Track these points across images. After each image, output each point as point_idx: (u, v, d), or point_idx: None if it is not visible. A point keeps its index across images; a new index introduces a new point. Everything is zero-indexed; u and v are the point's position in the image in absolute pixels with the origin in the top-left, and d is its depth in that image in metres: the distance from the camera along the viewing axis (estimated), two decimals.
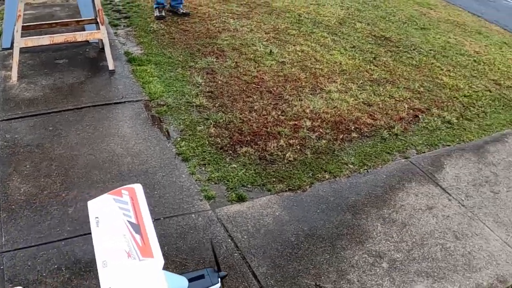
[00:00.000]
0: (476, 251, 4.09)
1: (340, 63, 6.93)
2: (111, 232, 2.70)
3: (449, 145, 5.40)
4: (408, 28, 9.59)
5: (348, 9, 9.93)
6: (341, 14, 9.45)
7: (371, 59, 7.43)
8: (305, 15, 8.89)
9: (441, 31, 9.99)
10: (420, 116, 5.83)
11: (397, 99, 6.17)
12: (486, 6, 15.27)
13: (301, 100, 5.65)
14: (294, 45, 7.26)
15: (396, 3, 11.45)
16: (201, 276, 2.75)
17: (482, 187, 4.81)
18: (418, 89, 6.62)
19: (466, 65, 8.22)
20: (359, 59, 7.27)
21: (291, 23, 8.30)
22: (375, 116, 5.64)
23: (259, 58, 6.51)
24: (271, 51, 6.71)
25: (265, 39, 7.28)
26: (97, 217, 2.79)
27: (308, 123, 5.18)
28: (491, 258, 4.06)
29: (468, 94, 6.96)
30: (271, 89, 5.78)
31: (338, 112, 5.53)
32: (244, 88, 5.66)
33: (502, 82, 7.95)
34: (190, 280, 2.67)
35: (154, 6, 7.40)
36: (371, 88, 6.34)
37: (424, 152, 5.18)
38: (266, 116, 5.17)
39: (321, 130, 5.14)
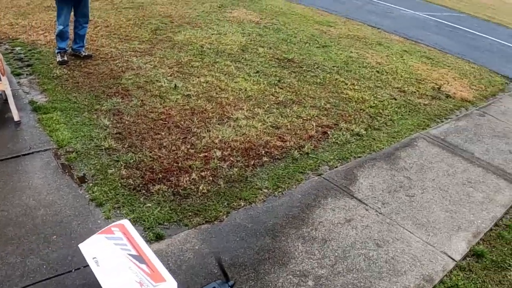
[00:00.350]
0: (399, 256, 4.66)
1: (245, 90, 7.49)
2: (115, 268, 3.02)
3: (360, 157, 6.03)
4: (310, 48, 10.57)
5: (249, 35, 10.69)
6: (243, 41, 10.15)
7: (276, 82, 8.11)
8: (208, 45, 9.43)
9: (342, 47, 11.12)
10: (329, 132, 6.49)
11: (305, 118, 6.82)
12: (385, 18, 17.11)
13: (210, 131, 6.06)
14: (198, 77, 7.73)
15: (297, 25, 12.55)
16: None
17: (397, 192, 5.49)
18: (325, 106, 7.36)
19: (369, 77, 9.25)
20: (263, 84, 7.91)
21: (194, 55, 8.79)
22: (285, 137, 6.18)
23: (165, 94, 6.88)
24: (175, 85, 7.13)
25: (169, 74, 7.69)
26: (94, 257, 3.13)
27: (218, 153, 5.59)
28: (415, 259, 4.65)
29: (374, 104, 7.85)
30: (178, 123, 6.15)
31: (247, 139, 6.01)
32: (152, 125, 5.98)
33: (406, 88, 9.05)
34: None
35: (56, 51, 7.57)
36: (278, 110, 6.94)
37: (336, 167, 5.73)
38: (176, 152, 5.51)
39: (232, 159, 5.57)
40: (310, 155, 5.90)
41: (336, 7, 16.67)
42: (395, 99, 8.28)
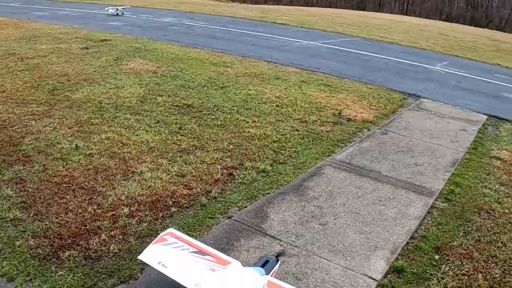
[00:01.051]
0: (320, 285, 4.83)
1: (147, 141, 7.52)
2: (183, 265, 3.85)
3: (268, 193, 6.21)
4: (208, 91, 10.81)
5: (147, 85, 10.76)
6: (141, 92, 10.20)
7: (177, 129, 8.20)
8: (106, 101, 9.42)
9: (240, 86, 11.49)
10: (234, 173, 6.65)
11: (209, 162, 6.95)
12: (280, 51, 17.94)
13: (115, 189, 6.03)
14: (99, 134, 7.69)
15: (194, 69, 12.81)
16: (267, 262, 4.19)
17: (310, 223, 5.70)
18: (228, 147, 7.55)
19: (270, 112, 9.61)
20: (165, 133, 7.98)
21: (93, 112, 8.74)
22: (191, 185, 6.25)
23: (66, 156, 6.79)
24: (76, 146, 7.08)
25: (69, 134, 7.61)
26: (159, 262, 3.90)
27: (126, 210, 5.55)
28: (336, 286, 4.87)
29: (277, 139, 8.15)
30: (83, 184, 6.07)
31: (154, 191, 6.02)
32: (56, 190, 5.87)
33: (307, 118, 9.49)
34: (262, 267, 4.05)
35: None
36: (181, 158, 7.02)
37: (246, 207, 5.85)
38: (83, 214, 5.42)
39: (140, 214, 5.55)
40: (218, 198, 6.02)
41: (230, 47, 17.27)
42: (298, 131, 8.67)
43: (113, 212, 5.55)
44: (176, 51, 15.27)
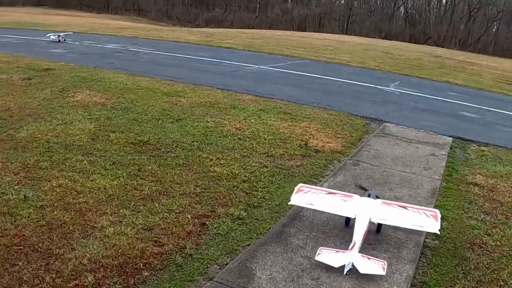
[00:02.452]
0: None
1: (105, 188, 6.78)
2: (324, 201, 6.20)
3: (249, 244, 5.69)
4: (164, 124, 10.16)
5: (97, 120, 10.00)
6: (92, 128, 9.42)
7: (136, 172, 7.50)
8: (54, 139, 8.61)
9: (197, 117, 10.91)
10: (207, 223, 6.03)
11: (177, 211, 6.30)
12: (232, 77, 17.52)
13: (75, 250, 5.26)
14: (49, 181, 6.83)
15: (146, 100, 12.13)
16: (369, 195, 6.45)
17: (301, 278, 5.12)
18: (195, 191, 6.93)
19: (233, 147, 9.08)
20: (123, 177, 7.27)
21: (40, 153, 7.88)
22: (161, 240, 5.59)
23: (14, 209, 5.93)
24: (25, 196, 6.22)
25: (16, 181, 6.73)
26: (307, 202, 6.16)
27: (91, 277, 4.80)
28: None
29: (246, 178, 7.61)
30: (36, 246, 5.26)
31: (120, 251, 5.32)
32: (6, 255, 5.02)
33: (273, 152, 9.02)
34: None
35: None
36: (145, 207, 6.33)
37: (227, 263, 5.25)
38: (40, 286, 4.67)
39: (107, 282, 4.81)
40: (194, 256, 5.39)
41: (180, 74, 16.70)
42: (266, 167, 8.18)
43: (76, 282, 4.80)
44: (124, 80, 14.55)
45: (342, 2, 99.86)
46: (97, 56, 20.15)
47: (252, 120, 11.00)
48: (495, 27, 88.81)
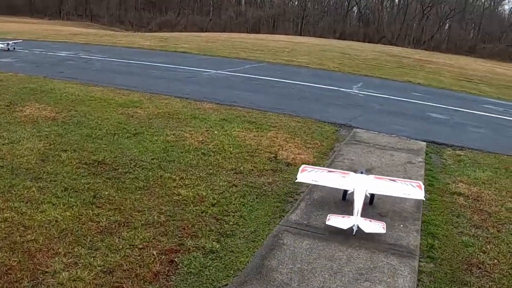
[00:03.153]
0: None
1: (57, 221, 5.88)
2: (326, 178, 7.27)
3: (226, 284, 4.97)
4: (120, 140, 9.29)
5: (47, 137, 9.02)
6: (41, 147, 8.44)
7: (91, 199, 6.60)
8: None
9: (156, 130, 10.08)
10: (176, 260, 5.24)
11: (140, 246, 5.48)
12: (189, 83, 16.66)
13: None
14: None
15: (100, 113, 11.19)
16: (362, 172, 7.58)
17: None
18: (159, 220, 6.12)
19: (197, 164, 8.31)
20: (77, 205, 6.36)
21: None
22: (124, 286, 4.84)
23: None
24: None
25: None
26: (312, 180, 7.20)
27: None
28: None
29: (215, 201, 6.82)
30: None
31: None
32: None
33: (241, 168, 8.30)
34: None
35: None
36: (104, 243, 5.51)
37: None
38: None
39: None
40: None
41: (135, 82, 15.81)
42: (236, 186, 7.47)
43: None
44: (76, 91, 13.55)
45: (296, 3, 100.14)
46: (47, 65, 18.97)
47: (215, 132, 10.27)
48: (447, 25, 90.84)
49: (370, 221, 6.19)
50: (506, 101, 21.60)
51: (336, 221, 6.15)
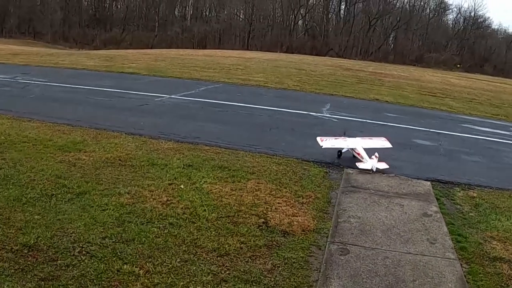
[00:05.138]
0: None
1: None
2: (334, 141, 10.86)
3: None
4: (59, 205, 6.93)
5: None
6: None
7: None
8: None
9: (105, 188, 7.76)
10: None
11: None
12: (141, 114, 13.79)
13: None
14: None
15: (33, 161, 8.73)
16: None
17: None
18: None
19: (165, 243, 6.02)
20: None
21: None
22: None
23: None
24: None
25: None
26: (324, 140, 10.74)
27: None
28: None
29: None
30: None
31: None
32: None
33: (226, 247, 6.00)
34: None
35: None
36: None
37: None
38: None
39: None
40: None
41: (78, 113, 13.39)
42: (225, 282, 5.36)
43: None
44: (7, 128, 11.03)
45: (242, 17, 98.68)
46: None
47: (182, 186, 8.10)
48: (392, 35, 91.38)
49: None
50: (480, 118, 20.39)
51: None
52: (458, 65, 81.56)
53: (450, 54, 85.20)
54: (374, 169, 9.71)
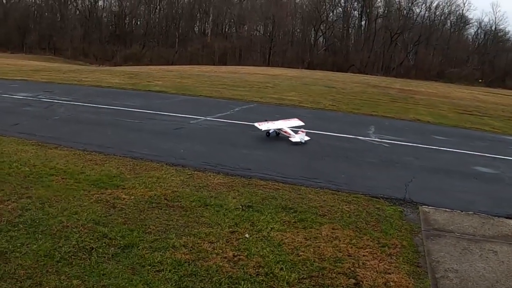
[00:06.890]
0: None
1: None
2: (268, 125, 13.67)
3: None
4: (102, 266, 5.58)
5: None
6: None
7: None
8: None
9: (155, 239, 6.36)
10: None
11: None
12: (178, 139, 12.38)
13: None
14: None
15: (64, 202, 7.48)
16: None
17: None
18: None
19: None
20: None
21: None
22: None
23: None
24: None
25: None
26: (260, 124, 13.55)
27: None
28: None
29: None
30: None
31: None
32: None
33: None
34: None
35: None
36: None
37: None
38: None
39: None
40: None
41: (109, 138, 12.26)
42: None
43: None
44: (31, 157, 9.88)
45: (262, 33, 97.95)
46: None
47: (247, 235, 6.82)
48: (413, 50, 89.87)
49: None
50: None
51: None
52: (480, 80, 79.90)
53: (471, 68, 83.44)
54: (303, 141, 12.89)
